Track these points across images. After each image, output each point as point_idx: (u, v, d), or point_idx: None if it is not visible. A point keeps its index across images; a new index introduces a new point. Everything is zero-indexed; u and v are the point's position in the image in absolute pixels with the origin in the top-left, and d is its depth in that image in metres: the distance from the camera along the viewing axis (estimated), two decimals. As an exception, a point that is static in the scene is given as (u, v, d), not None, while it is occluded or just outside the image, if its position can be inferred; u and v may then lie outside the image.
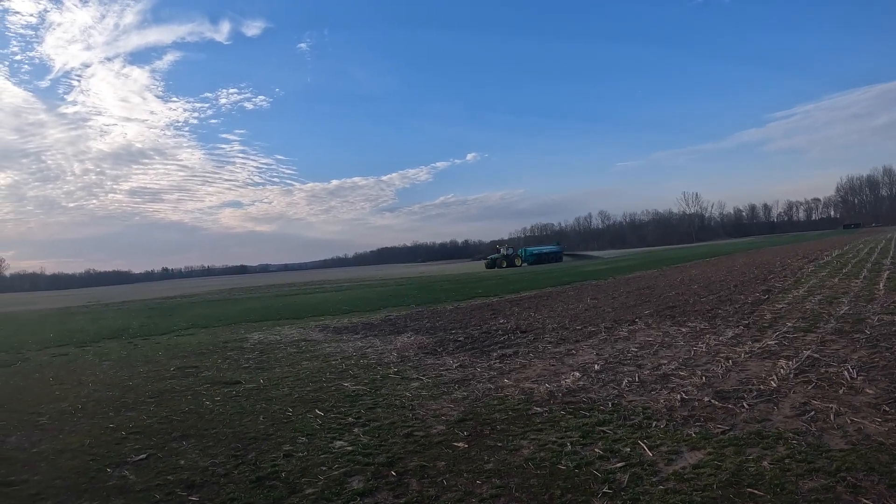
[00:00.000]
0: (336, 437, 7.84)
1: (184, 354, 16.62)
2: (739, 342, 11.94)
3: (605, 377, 9.92)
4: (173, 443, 8.23)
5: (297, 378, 12.03)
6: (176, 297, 56.65)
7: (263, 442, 7.93)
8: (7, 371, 15.86)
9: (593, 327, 15.49)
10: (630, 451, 6.41)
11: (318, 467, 6.74)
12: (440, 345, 14.83)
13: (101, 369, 15.07)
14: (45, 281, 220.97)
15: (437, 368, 11.96)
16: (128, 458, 7.70)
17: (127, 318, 31.86)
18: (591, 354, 12.04)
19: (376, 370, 12.27)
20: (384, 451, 7.13)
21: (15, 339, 23.95)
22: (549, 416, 7.95)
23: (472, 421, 8.07)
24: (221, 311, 33.63)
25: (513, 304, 24.36)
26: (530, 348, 13.32)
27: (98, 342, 21.08)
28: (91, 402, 11.31)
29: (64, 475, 7.23)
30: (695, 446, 6.42)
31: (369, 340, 16.82)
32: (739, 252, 61.35)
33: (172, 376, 13.30)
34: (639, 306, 19.50)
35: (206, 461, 7.32)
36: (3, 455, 8.28)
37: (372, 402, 9.55)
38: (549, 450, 6.63)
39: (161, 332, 23.39)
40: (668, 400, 8.27)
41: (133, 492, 6.51)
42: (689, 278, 30.09)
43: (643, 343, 12.74)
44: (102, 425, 9.48)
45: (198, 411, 9.94)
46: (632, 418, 7.58)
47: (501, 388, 9.81)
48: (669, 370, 10.05)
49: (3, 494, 6.74)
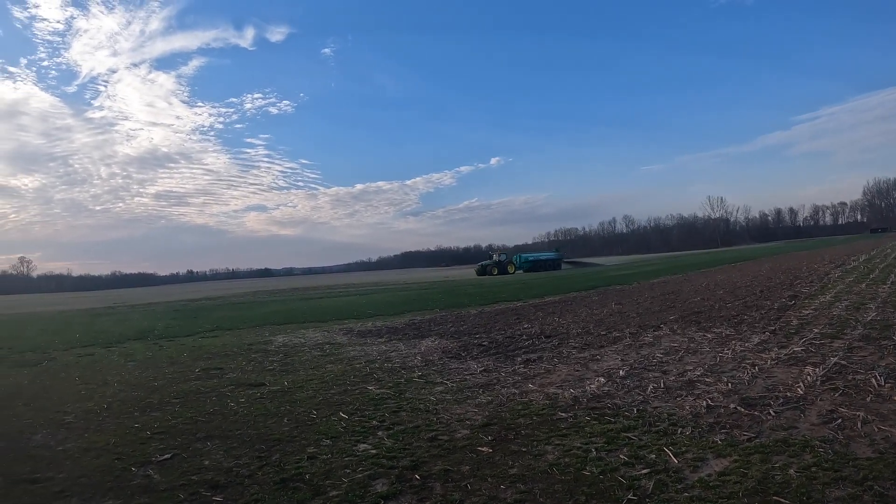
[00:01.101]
0: (360, 440, 7.85)
1: (208, 356, 16.70)
2: (766, 348, 11.84)
3: (630, 383, 9.88)
4: (198, 443, 8.28)
5: (322, 381, 12.06)
6: (201, 300, 56.86)
7: (287, 444, 7.95)
8: (34, 370, 16.03)
9: (618, 333, 15.41)
10: (655, 457, 6.37)
11: (341, 470, 6.75)
12: (464, 349, 14.82)
13: (126, 370, 15.18)
14: (72, 282, 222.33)
15: (462, 373, 11.95)
16: (152, 457, 7.76)
17: (152, 320, 32.02)
18: (616, 360, 11.98)
19: (400, 374, 12.28)
20: (408, 454, 7.13)
21: (41, 339, 24.16)
22: (574, 422, 7.92)
23: (496, 426, 8.05)
24: (246, 313, 33.73)
25: (537, 309, 24.27)
26: (555, 353, 13.27)
27: (123, 343, 21.23)
28: (116, 401, 11.40)
29: (89, 473, 7.29)
30: (720, 453, 6.37)
31: (393, 344, 16.84)
32: (765, 257, 60.88)
33: (197, 378, 13.37)
34: (664, 312, 19.39)
35: (230, 462, 7.36)
36: (30, 452, 8.38)
37: (396, 406, 9.56)
38: (574, 455, 6.60)
39: (186, 333, 23.52)
40: (693, 406, 8.21)
41: (157, 491, 6.55)
42: (714, 283, 29.88)
43: (668, 349, 12.66)
44: (127, 425, 9.56)
45: (222, 412, 9.99)
46: (657, 424, 7.54)
47: (526, 393, 9.77)
48: (695, 376, 9.98)
49: (29, 491, 6.82)
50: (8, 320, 40.24)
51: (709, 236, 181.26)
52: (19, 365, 17.12)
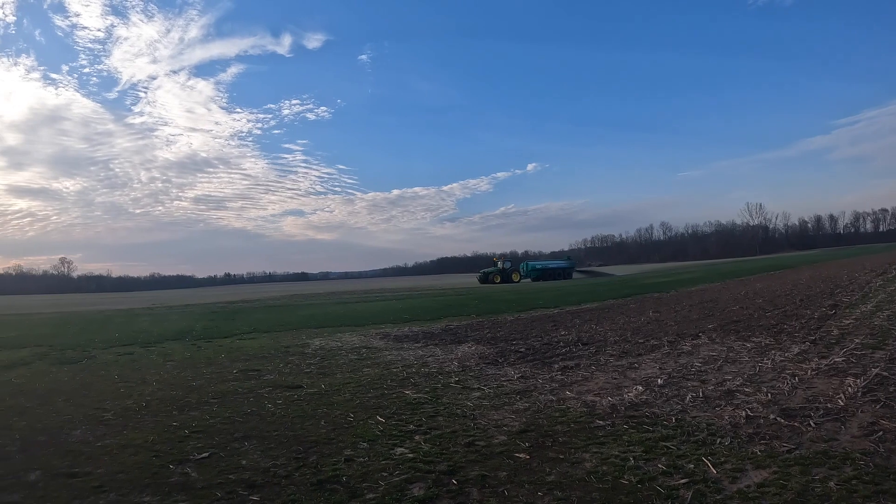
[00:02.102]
0: (397, 444, 7.86)
1: (246, 358, 16.80)
2: (806, 358, 11.72)
3: (669, 392, 9.81)
4: (235, 443, 8.35)
5: (359, 384, 12.09)
6: (238, 302, 57.18)
7: (325, 446, 7.98)
8: (74, 367, 16.28)
9: (656, 341, 15.32)
10: (694, 467, 6.33)
11: (378, 473, 6.77)
12: (501, 355, 14.75)
13: (164, 369, 15.35)
14: (111, 283, 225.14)
15: (499, 379, 11.91)
16: (190, 455, 7.85)
17: (190, 321, 32.25)
18: (654, 368, 11.91)
19: (437, 379, 12.28)
20: (445, 459, 7.13)
21: (82, 338, 24.45)
22: (612, 430, 7.89)
23: (533, 432, 8.02)
24: (283, 316, 33.86)
25: (573, 316, 24.14)
26: (592, 361, 13.20)
27: (162, 343, 21.45)
28: (155, 400, 11.53)
29: (127, 469, 7.39)
30: (760, 465, 6.32)
31: (430, 349, 16.84)
32: (804, 265, 60.24)
33: (235, 378, 13.46)
34: (702, 320, 19.25)
35: (267, 462, 7.42)
36: (69, 447, 8.52)
37: (433, 411, 9.55)
38: (612, 464, 6.58)
39: (223, 335, 23.68)
40: (732, 416, 8.15)
41: (195, 489, 6.62)
42: (753, 292, 29.59)
43: (707, 358, 12.56)
44: (166, 423, 9.67)
45: (260, 413, 10.06)
46: (696, 434, 7.48)
47: (563, 401, 9.73)
48: (734, 386, 9.89)
49: (68, 485, 6.93)
50: (49, 319, 40.72)
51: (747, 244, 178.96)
52: (60, 362, 17.38)
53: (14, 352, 20.40)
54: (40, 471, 7.50)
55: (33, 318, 42.09)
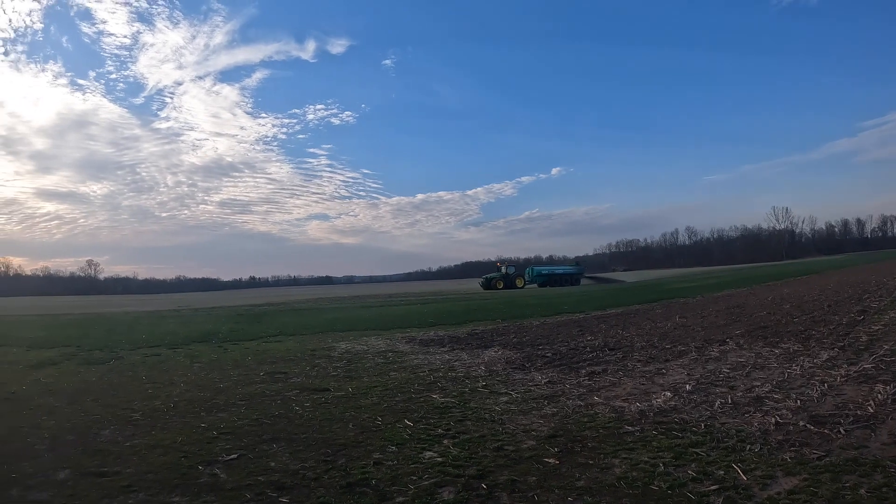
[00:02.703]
0: (426, 448, 7.89)
1: (272, 360, 16.87)
2: (834, 365, 11.61)
3: (697, 398, 9.77)
4: (263, 445, 8.41)
5: (386, 388, 12.13)
6: (263, 305, 57.42)
7: (353, 449, 8.03)
8: (102, 368, 16.42)
9: (683, 346, 15.25)
10: (724, 474, 6.32)
11: (407, 476, 6.79)
12: (528, 360, 14.73)
13: (192, 371, 15.47)
14: (137, 285, 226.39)
15: (526, 384, 11.90)
16: (219, 457, 7.92)
17: (216, 323, 32.38)
18: (682, 374, 11.86)
19: (464, 383, 12.30)
20: (474, 463, 7.15)
21: (109, 339, 24.58)
22: (641, 436, 7.89)
23: (562, 437, 8.03)
24: (308, 319, 33.92)
25: (599, 321, 24.06)
26: (619, 366, 13.18)
27: (188, 345, 21.58)
28: (182, 401, 11.63)
29: (155, 470, 7.48)
30: (790, 472, 6.30)
31: (456, 354, 16.85)
32: (832, 270, 59.64)
33: (262, 381, 13.54)
34: (729, 326, 19.13)
35: (296, 464, 7.47)
36: (98, 447, 8.62)
37: (461, 415, 9.57)
38: (642, 469, 6.58)
39: (249, 337, 23.78)
40: (762, 423, 8.11)
41: (224, 490, 6.69)
42: (780, 297, 29.35)
43: (735, 364, 12.48)
44: (194, 424, 9.75)
45: (287, 416, 10.12)
46: (725, 441, 7.46)
47: (591, 406, 9.73)
48: (763, 392, 9.83)
49: (97, 484, 7.01)
50: (76, 320, 41.00)
51: (773, 248, 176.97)
52: (88, 362, 17.53)
53: (42, 352, 20.60)
54: (69, 469, 7.60)
55: (61, 319, 42.40)
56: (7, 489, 7.01)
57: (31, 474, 7.46)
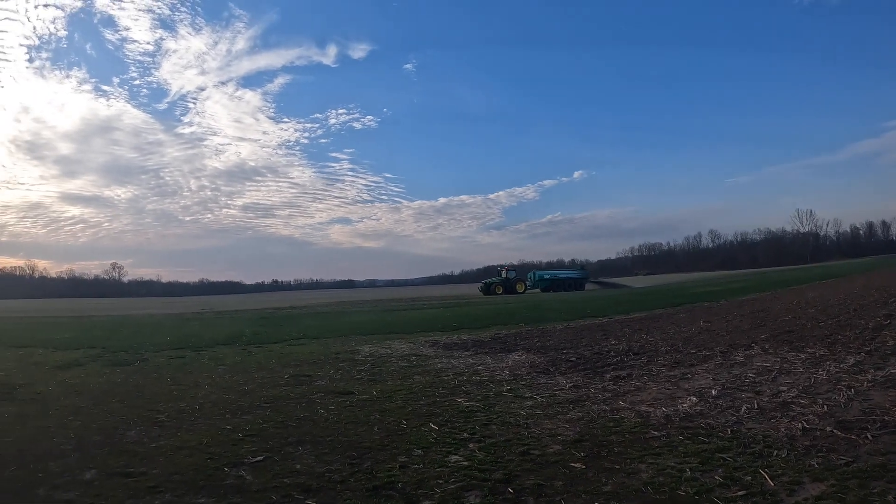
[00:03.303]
0: (451, 452, 7.90)
1: (296, 363, 16.98)
2: (861, 370, 11.45)
3: (723, 403, 9.70)
4: (289, 447, 8.47)
5: (410, 391, 12.14)
6: (286, 308, 57.65)
7: (379, 452, 8.05)
8: (127, 370, 16.67)
9: (708, 351, 15.13)
10: (751, 479, 6.28)
11: (434, 480, 6.81)
12: (552, 364, 14.68)
13: (216, 373, 15.62)
14: (161, 288, 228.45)
15: (551, 388, 11.88)
16: (244, 458, 7.98)
17: (240, 326, 32.61)
18: (708, 379, 11.77)
19: (489, 387, 12.28)
20: (500, 467, 7.15)
21: (133, 341, 24.93)
22: (667, 441, 7.85)
23: (588, 442, 8.01)
24: (331, 323, 34.12)
25: (623, 325, 23.93)
26: (644, 370, 13.10)
27: (213, 347, 21.79)
28: (208, 403, 11.75)
29: (181, 471, 7.56)
30: (817, 477, 6.25)
31: (480, 357, 16.85)
32: (856, 273, 59.12)
33: (286, 384, 13.63)
34: (754, 330, 18.96)
35: (321, 467, 7.50)
36: (124, 447, 8.75)
37: (486, 419, 9.57)
38: (668, 475, 6.56)
39: (273, 340, 23.94)
40: (788, 428, 8.04)
41: (250, 491, 6.75)
42: (805, 301, 29.02)
43: (760, 369, 12.36)
44: (219, 426, 9.84)
45: (312, 418, 10.18)
46: (752, 446, 7.41)
47: (617, 410, 9.69)
48: (789, 398, 9.74)
49: (123, 485, 7.11)
50: (101, 322, 41.41)
51: (797, 252, 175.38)
52: (113, 364, 17.79)
53: (68, 353, 20.94)
54: (96, 470, 7.71)
55: (86, 321, 42.85)
56: (34, 488, 7.12)
57: (58, 474, 7.57)
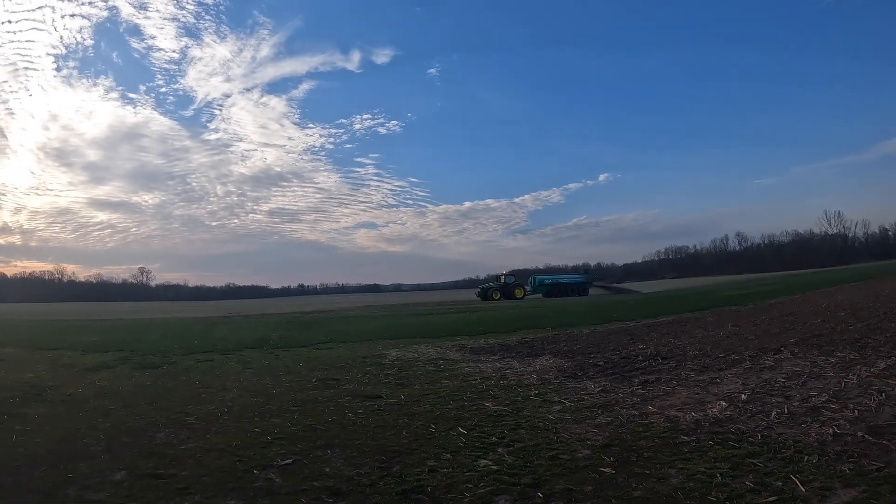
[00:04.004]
0: (480, 456, 7.91)
1: (324, 367, 17.04)
2: (892, 374, 11.32)
3: (753, 408, 9.63)
4: (318, 450, 8.53)
5: (438, 396, 12.17)
6: (312, 312, 57.79)
7: (407, 456, 8.08)
8: (155, 372, 16.83)
9: (736, 355, 15.00)
10: (782, 485, 6.26)
11: (463, 484, 6.83)
12: (580, 368, 14.65)
13: (244, 376, 15.73)
14: (188, 292, 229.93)
15: (579, 392, 11.85)
16: (273, 461, 8.05)
17: (266, 330, 32.73)
18: (737, 383, 11.68)
19: (517, 391, 12.26)
20: (529, 472, 7.15)
21: (162, 344, 25.12)
22: (697, 446, 7.82)
23: (617, 447, 8.00)
24: (357, 327, 34.11)
25: (650, 330, 23.82)
26: (672, 375, 13.03)
27: (240, 351, 21.93)
28: (236, 406, 11.85)
29: (211, 473, 7.64)
30: (849, 483, 6.22)
31: (507, 362, 16.82)
32: (886, 275, 58.55)
33: (314, 387, 13.70)
34: (783, 334, 18.81)
35: (351, 470, 7.55)
36: (154, 449, 8.86)
37: (514, 423, 9.55)
38: (698, 480, 6.54)
39: (300, 344, 24.03)
40: (819, 434, 7.98)
41: (279, 494, 6.82)
42: (834, 304, 28.76)
43: (790, 373, 12.27)
44: (248, 429, 9.91)
45: (341, 422, 10.23)
46: (782, 451, 7.36)
47: (646, 415, 9.65)
48: (819, 402, 9.65)
49: (153, 486, 7.20)
50: (130, 325, 41.67)
51: (826, 254, 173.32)
52: (142, 367, 17.99)
53: (98, 356, 21.11)
54: (125, 471, 7.82)
55: (114, 325, 43.11)
56: (64, 488, 7.24)
57: (88, 474, 7.70)
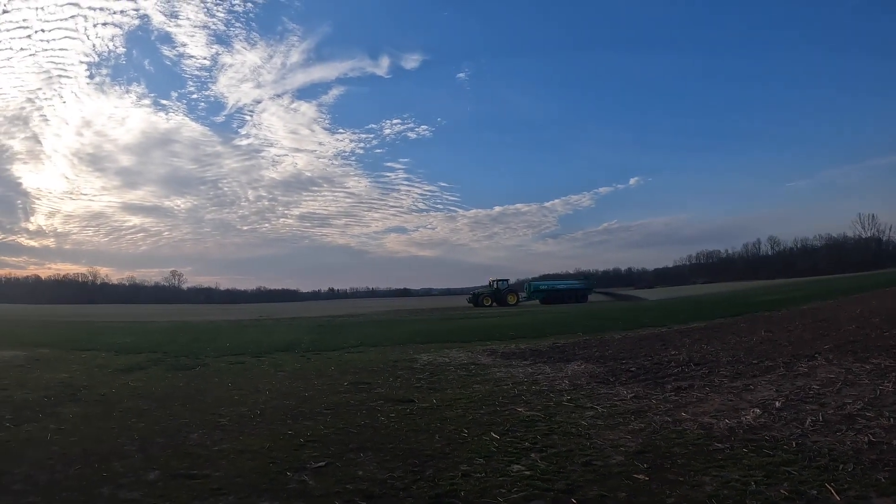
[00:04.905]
0: (513, 461, 7.89)
1: (355, 371, 17.12)
2: (930, 382, 11.31)
3: (787, 415, 9.53)
4: (350, 454, 8.54)
5: (470, 400, 12.17)
6: (343, 316, 58.05)
7: (440, 460, 8.08)
8: (188, 374, 17.02)
9: (770, 362, 14.85)
10: (817, 494, 6.20)
11: (496, 489, 6.81)
12: (612, 374, 14.58)
13: (276, 379, 15.86)
14: (219, 295, 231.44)
15: (611, 398, 11.79)
16: (306, 464, 8.09)
17: (298, 333, 32.95)
18: (771, 390, 11.57)
19: (549, 397, 12.22)
20: (563, 478, 7.13)
21: (194, 346, 25.44)
22: (731, 453, 7.76)
23: (651, 453, 7.95)
24: (388, 331, 34.23)
25: (683, 335, 23.60)
26: (705, 381, 12.92)
27: (272, 353, 22.09)
28: (269, 408, 11.94)
29: (244, 474, 7.71)
30: (884, 492, 6.15)
31: (539, 367, 16.76)
32: (923, 281, 57.97)
33: (346, 391, 13.74)
34: (817, 340, 18.61)
35: (383, 474, 7.55)
36: (187, 450, 8.95)
37: (547, 429, 9.52)
38: (733, 488, 6.49)
39: (331, 348, 24.18)
40: (854, 442, 7.90)
41: (313, 496, 6.84)
42: (868, 310, 28.37)
43: (824, 380, 12.12)
44: (281, 431, 9.97)
45: (373, 426, 10.26)
46: (817, 460, 7.28)
47: (679, 422, 9.59)
48: (854, 410, 9.53)
49: (187, 486, 7.27)
50: (162, 327, 42.04)
51: (859, 258, 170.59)
52: (174, 368, 18.22)
53: (131, 357, 21.41)
54: (159, 471, 7.91)
55: (147, 326, 43.53)
56: (98, 487, 7.32)
57: (122, 474, 7.79)
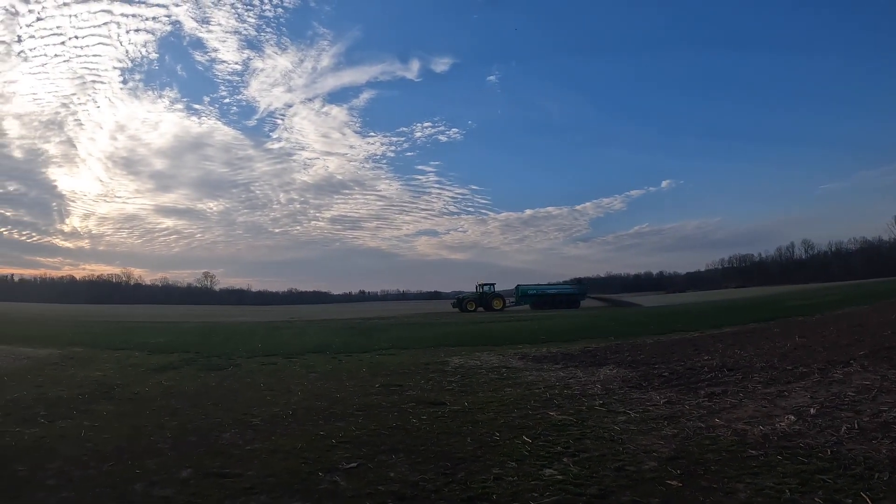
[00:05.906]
0: (545, 465, 7.86)
1: (387, 373, 17.13)
2: (967, 389, 11.16)
3: (822, 422, 9.42)
4: (382, 455, 8.53)
5: (502, 403, 12.11)
6: (374, 318, 58.11)
7: (472, 463, 8.05)
8: (220, 374, 17.12)
9: (805, 368, 14.64)
10: (852, 502, 6.15)
11: (528, 493, 6.79)
12: (644, 379, 14.48)
13: (308, 380, 15.89)
14: (251, 296, 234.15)
15: (644, 403, 11.72)
16: (338, 464, 8.09)
17: (329, 335, 33.07)
18: (805, 397, 11.45)
19: (581, 401, 12.16)
20: (595, 482, 7.10)
21: (226, 347, 25.62)
22: (765, 460, 7.69)
23: (684, 459, 7.90)
24: (419, 333, 34.33)
25: (715, 340, 23.37)
26: (739, 387, 12.79)
27: (303, 355, 22.14)
28: (301, 409, 11.94)
29: (276, 474, 7.74)
30: (921, 502, 6.04)
31: (570, 371, 16.70)
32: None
33: (377, 392, 13.76)
34: (852, 346, 18.37)
35: (415, 476, 7.55)
36: (219, 449, 9.01)
37: (579, 433, 9.48)
38: (767, 495, 6.44)
39: (362, 350, 24.17)
40: (890, 450, 7.79)
41: (345, 497, 6.86)
42: (905, 317, 28.29)
43: (860, 387, 11.96)
44: (313, 432, 9.99)
45: (405, 428, 10.25)
46: (852, 468, 7.20)
47: (713, 428, 9.50)
48: (890, 418, 9.40)
49: (220, 484, 7.34)
50: (195, 328, 42.38)
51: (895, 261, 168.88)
52: (207, 368, 18.36)
53: (164, 356, 21.66)
54: (192, 469, 7.98)
55: (180, 327, 43.89)
56: (131, 484, 7.41)
57: (155, 471, 7.87)
